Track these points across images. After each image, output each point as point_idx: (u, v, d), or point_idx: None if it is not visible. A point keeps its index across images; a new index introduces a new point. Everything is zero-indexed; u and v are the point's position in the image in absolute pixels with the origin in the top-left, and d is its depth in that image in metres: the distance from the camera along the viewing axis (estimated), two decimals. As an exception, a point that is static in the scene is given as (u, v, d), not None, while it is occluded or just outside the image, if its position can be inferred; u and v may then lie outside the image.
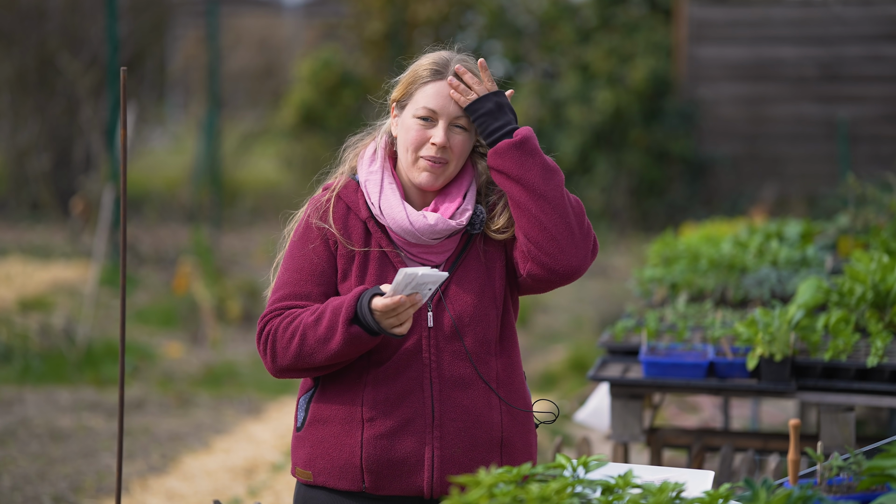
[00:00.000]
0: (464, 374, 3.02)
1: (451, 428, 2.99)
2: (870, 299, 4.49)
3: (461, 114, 3.03)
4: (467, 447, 3.00)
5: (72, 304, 10.08)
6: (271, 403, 7.87)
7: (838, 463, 2.74)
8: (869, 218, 6.21)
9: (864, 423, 6.21)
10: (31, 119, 15.13)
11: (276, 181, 17.44)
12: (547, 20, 15.38)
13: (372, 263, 3.03)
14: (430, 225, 2.99)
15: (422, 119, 3.01)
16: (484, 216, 3.07)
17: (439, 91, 3.02)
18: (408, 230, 3.00)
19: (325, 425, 3.03)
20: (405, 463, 2.98)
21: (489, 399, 3.04)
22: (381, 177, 3.06)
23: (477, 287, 3.04)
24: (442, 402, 2.99)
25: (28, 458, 6.53)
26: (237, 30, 20.65)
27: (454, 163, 3.04)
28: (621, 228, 14.43)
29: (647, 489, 2.33)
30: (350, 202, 3.08)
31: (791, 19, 14.35)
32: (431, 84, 3.03)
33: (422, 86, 3.03)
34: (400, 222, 3.01)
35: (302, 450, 3.08)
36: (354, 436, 3.00)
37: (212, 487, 6.12)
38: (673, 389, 4.31)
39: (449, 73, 3.03)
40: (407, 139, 3.03)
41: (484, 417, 3.02)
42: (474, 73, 3.06)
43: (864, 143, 14.03)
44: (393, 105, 3.11)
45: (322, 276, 3.04)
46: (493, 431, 3.03)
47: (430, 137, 3.01)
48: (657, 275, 5.55)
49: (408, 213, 3.00)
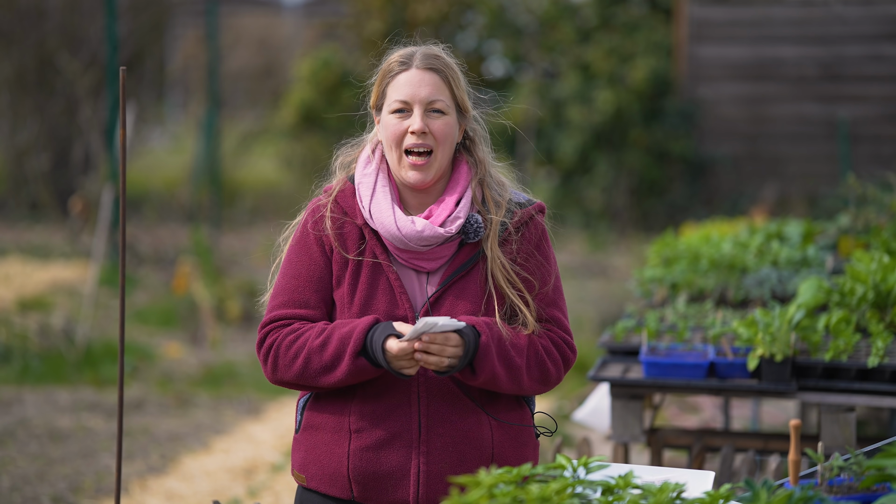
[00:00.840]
0: (452, 389, 2.99)
1: (439, 443, 2.97)
2: (871, 299, 4.49)
3: (436, 97, 3.00)
4: (455, 462, 2.97)
5: (71, 304, 10.07)
6: (271, 404, 7.86)
7: (839, 463, 2.73)
8: (870, 218, 6.19)
9: (865, 423, 6.20)
10: (30, 119, 15.12)
11: (276, 181, 17.42)
12: (547, 20, 15.36)
13: (364, 271, 3.00)
14: (418, 231, 2.96)
15: (397, 112, 3.00)
16: (481, 225, 3.01)
17: (409, 80, 2.99)
18: (395, 235, 2.97)
19: (316, 432, 3.04)
20: (391, 476, 2.97)
21: (479, 414, 3.01)
22: (374, 179, 3.04)
23: (472, 309, 2.99)
24: (429, 417, 2.97)
25: (27, 459, 6.52)
26: (237, 29, 20.64)
27: (440, 150, 3.00)
28: (622, 228, 14.42)
29: (647, 490, 2.33)
30: (347, 207, 3.05)
31: (792, 19, 14.33)
32: (399, 76, 3.01)
33: (391, 80, 3.02)
34: (388, 227, 2.97)
35: (298, 453, 3.09)
36: (342, 446, 3.00)
37: (211, 488, 6.11)
38: (673, 390, 4.30)
39: (414, 62, 3.00)
40: (388, 136, 3.01)
41: (473, 433, 2.99)
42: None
43: (864, 143, 14.01)
44: (374, 111, 3.10)
45: (320, 283, 3.02)
46: (482, 447, 3.00)
47: (407, 128, 2.99)
48: (657, 275, 5.54)
49: (396, 217, 2.97)
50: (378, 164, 3.07)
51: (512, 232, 3.04)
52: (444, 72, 3.02)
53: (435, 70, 3.01)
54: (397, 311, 2.98)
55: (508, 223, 3.04)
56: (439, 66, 3.02)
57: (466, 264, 3.01)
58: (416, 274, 3.01)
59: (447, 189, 3.06)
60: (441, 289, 3.00)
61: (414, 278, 3.01)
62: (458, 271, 3.00)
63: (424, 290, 3.01)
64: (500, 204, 3.05)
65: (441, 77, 3.01)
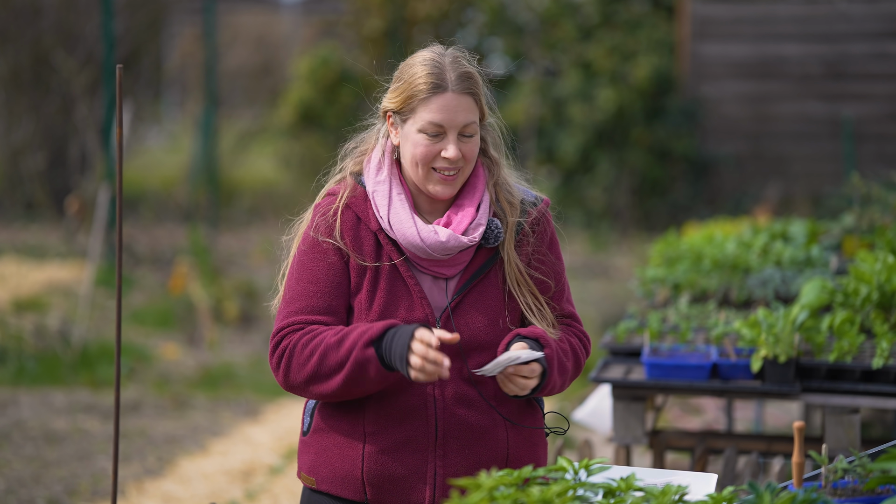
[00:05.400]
0: (467, 392, 2.98)
1: (455, 445, 2.96)
2: (875, 300, 4.49)
3: (470, 120, 2.96)
4: (471, 465, 2.96)
5: (67, 304, 10.04)
6: (269, 405, 7.84)
7: (843, 465, 2.71)
8: (874, 217, 6.19)
9: (870, 425, 6.20)
10: (25, 117, 15.10)
11: (274, 180, 17.41)
12: (548, 17, 15.34)
13: (383, 277, 2.96)
14: (442, 242, 2.93)
15: (429, 134, 2.94)
16: (500, 231, 3.01)
17: (444, 105, 2.93)
18: (418, 246, 2.94)
19: (328, 434, 3.00)
20: (407, 479, 2.95)
21: (493, 416, 3.00)
22: (388, 187, 2.99)
23: (492, 313, 2.99)
24: (446, 420, 2.95)
25: (22, 461, 6.50)
26: (234, 27, 20.65)
27: (468, 167, 3.00)
28: (623, 228, 14.40)
29: (649, 492, 2.33)
30: (360, 212, 2.99)
31: (795, 16, 14.30)
32: (434, 98, 2.93)
33: (423, 101, 2.94)
34: (410, 238, 2.94)
35: (307, 455, 3.05)
36: (356, 448, 2.96)
37: (209, 490, 6.11)
38: (676, 391, 4.30)
39: (450, 84, 2.93)
40: (415, 154, 2.95)
41: (489, 435, 2.99)
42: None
43: (869, 142, 13.98)
44: (389, 114, 3.02)
45: (338, 288, 2.96)
46: (497, 448, 3.00)
47: (439, 151, 2.94)
48: (660, 275, 5.53)
49: (418, 228, 2.94)
50: (390, 169, 3.02)
51: (528, 232, 3.05)
52: (477, 92, 2.99)
53: (471, 94, 2.97)
54: (417, 316, 2.95)
55: (524, 223, 3.05)
56: (474, 89, 2.98)
57: (484, 268, 3.00)
58: (433, 279, 2.99)
59: (465, 193, 3.03)
60: (460, 294, 2.98)
61: (431, 283, 2.98)
62: (476, 276, 3.00)
63: (444, 295, 2.99)
64: (514, 204, 3.05)
65: (474, 99, 2.98)
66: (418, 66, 2.97)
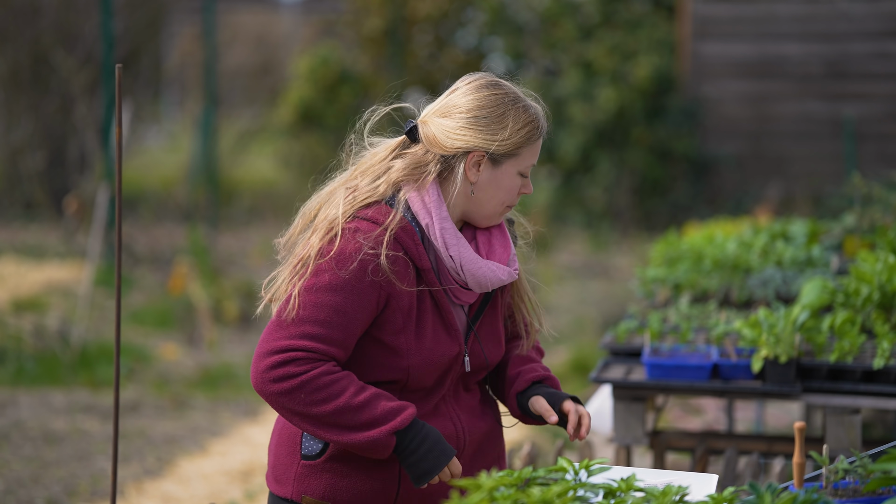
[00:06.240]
0: (473, 404, 3.03)
1: (470, 452, 3.00)
2: (876, 300, 4.48)
3: None
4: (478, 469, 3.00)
5: (66, 304, 10.03)
6: (268, 406, 7.80)
7: (844, 466, 2.70)
8: (875, 217, 6.19)
9: (871, 425, 6.19)
10: (24, 117, 15.09)
11: (274, 180, 17.41)
12: (548, 17, 15.33)
13: (428, 314, 2.90)
14: (502, 279, 2.96)
15: (524, 175, 2.97)
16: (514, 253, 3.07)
17: (539, 147, 3.00)
18: (483, 284, 2.94)
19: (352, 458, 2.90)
20: (434, 496, 2.95)
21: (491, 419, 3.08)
22: (451, 225, 2.93)
23: (498, 334, 3.06)
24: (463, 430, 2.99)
25: (22, 462, 6.49)
26: (234, 26, 20.65)
27: None
28: (624, 228, 14.39)
29: (649, 493, 2.33)
30: (411, 252, 2.88)
31: (796, 16, 14.29)
32: (538, 143, 2.97)
33: (532, 144, 2.95)
34: (480, 280, 2.92)
35: (317, 480, 2.92)
36: (390, 470, 2.90)
37: (208, 491, 6.10)
38: (676, 391, 4.30)
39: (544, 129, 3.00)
40: (504, 191, 2.94)
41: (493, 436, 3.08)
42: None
43: (870, 142, 13.97)
44: (483, 155, 2.91)
45: (360, 327, 2.85)
46: (498, 448, 3.09)
47: (521, 187, 2.98)
48: (660, 275, 5.53)
49: (491, 269, 2.93)
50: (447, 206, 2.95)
51: (521, 245, 3.11)
52: None
53: None
54: (454, 351, 2.94)
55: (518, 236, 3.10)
56: None
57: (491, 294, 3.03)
58: (452, 305, 2.97)
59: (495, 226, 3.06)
60: (477, 322, 3.00)
61: (452, 310, 2.96)
62: (488, 299, 3.02)
63: (465, 321, 2.99)
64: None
65: None
66: (521, 110, 2.95)
